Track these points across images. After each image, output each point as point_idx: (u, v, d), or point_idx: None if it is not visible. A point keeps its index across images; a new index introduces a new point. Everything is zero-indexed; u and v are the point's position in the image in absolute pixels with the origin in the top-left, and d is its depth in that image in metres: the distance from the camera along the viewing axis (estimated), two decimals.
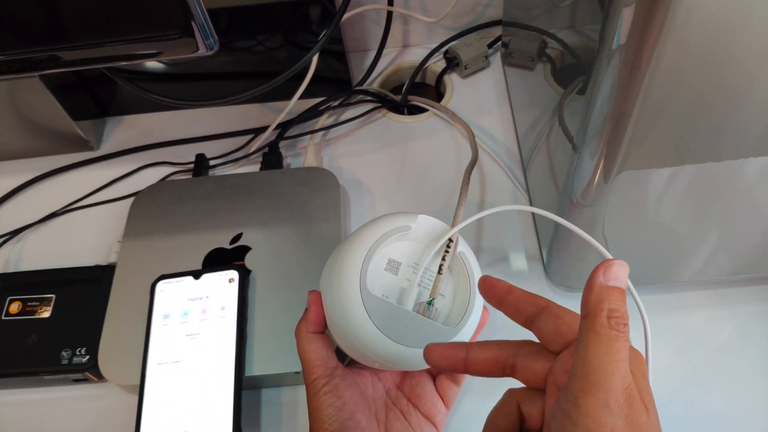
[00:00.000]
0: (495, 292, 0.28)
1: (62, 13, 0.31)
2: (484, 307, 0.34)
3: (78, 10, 0.31)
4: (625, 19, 0.24)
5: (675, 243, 0.38)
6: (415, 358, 0.31)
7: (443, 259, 0.32)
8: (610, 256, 0.27)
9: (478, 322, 0.33)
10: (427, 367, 0.33)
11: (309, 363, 0.32)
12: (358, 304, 0.30)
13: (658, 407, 0.37)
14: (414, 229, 0.33)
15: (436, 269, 0.33)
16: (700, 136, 0.29)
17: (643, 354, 0.31)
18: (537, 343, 0.26)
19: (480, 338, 0.35)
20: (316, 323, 0.33)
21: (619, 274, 0.23)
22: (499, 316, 0.43)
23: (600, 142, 0.30)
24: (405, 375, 0.36)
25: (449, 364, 0.28)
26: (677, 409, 0.38)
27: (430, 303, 0.32)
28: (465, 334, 0.32)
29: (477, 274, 0.33)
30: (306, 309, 0.33)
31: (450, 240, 0.32)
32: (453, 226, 0.33)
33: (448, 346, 0.28)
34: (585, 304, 0.23)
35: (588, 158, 0.31)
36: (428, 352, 0.28)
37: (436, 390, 0.35)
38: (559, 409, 0.23)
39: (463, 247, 0.33)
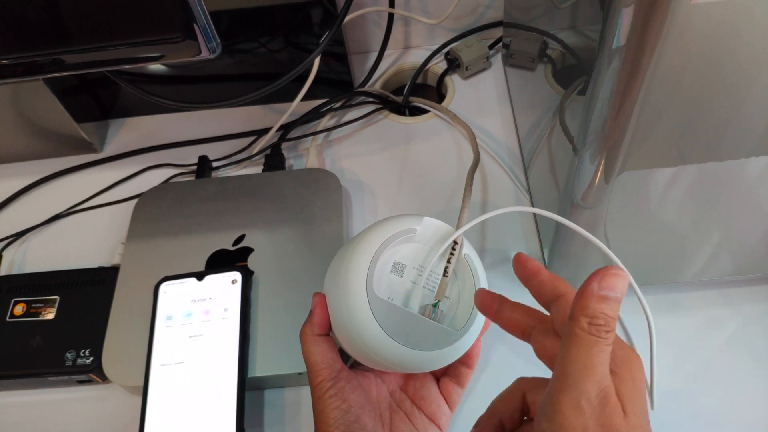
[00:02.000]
0: (524, 272, 0.28)
1: (66, 16, 0.32)
2: None
3: (81, 13, 0.31)
4: (624, 19, 0.24)
5: (676, 243, 0.38)
6: (420, 361, 0.31)
7: (448, 261, 0.32)
8: (616, 258, 0.27)
9: (482, 324, 0.33)
10: (432, 369, 0.33)
11: (314, 366, 0.32)
12: (364, 307, 0.30)
13: (659, 406, 0.37)
14: (419, 232, 0.33)
15: (441, 271, 0.33)
16: (700, 136, 0.29)
17: (648, 354, 0.31)
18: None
19: (483, 340, 0.35)
20: (320, 325, 0.33)
21: (615, 284, 0.23)
22: None
23: (601, 142, 0.30)
24: (409, 377, 0.36)
25: (482, 308, 0.29)
26: (679, 408, 0.38)
27: (435, 305, 0.32)
28: (470, 337, 0.32)
29: (482, 276, 0.33)
30: (310, 311, 0.33)
31: (455, 242, 0.32)
32: (457, 228, 0.33)
33: (487, 295, 0.29)
34: (572, 306, 0.24)
35: (588, 159, 0.31)
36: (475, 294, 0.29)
37: (440, 392, 0.35)
38: (541, 404, 0.24)
39: (467, 250, 0.33)
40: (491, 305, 0.28)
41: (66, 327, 0.42)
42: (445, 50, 0.58)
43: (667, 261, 0.39)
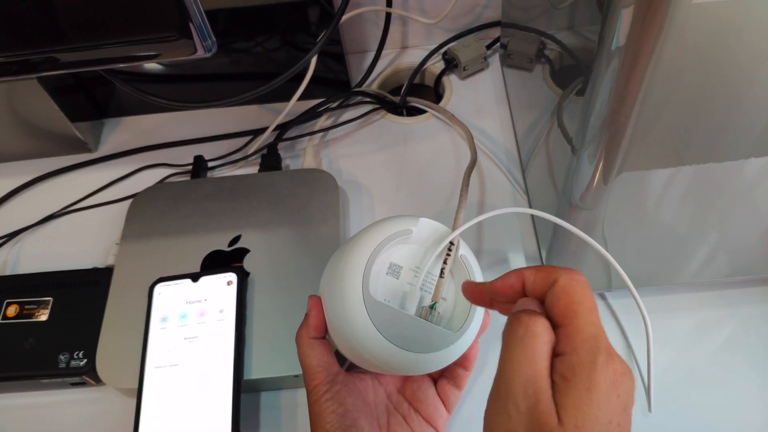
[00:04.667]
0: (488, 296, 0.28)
1: (60, 14, 0.31)
2: (486, 310, 0.34)
3: (76, 11, 0.31)
4: (624, 20, 0.24)
5: (675, 244, 0.38)
6: (417, 363, 0.31)
7: (445, 262, 0.32)
8: (612, 260, 0.27)
9: (479, 325, 0.33)
10: (429, 371, 0.33)
11: (310, 369, 0.32)
12: (360, 309, 0.30)
13: (657, 408, 0.37)
14: (415, 233, 0.32)
15: (438, 273, 0.32)
16: (699, 137, 0.29)
17: (645, 356, 0.30)
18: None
19: (480, 341, 0.35)
20: (316, 328, 0.32)
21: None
22: (502, 319, 0.43)
23: (599, 143, 0.30)
24: (406, 379, 0.36)
25: (475, 302, 0.29)
26: (677, 410, 0.38)
27: (432, 307, 0.32)
28: (468, 338, 0.32)
29: (478, 277, 0.33)
30: (306, 314, 0.33)
31: (451, 243, 0.32)
32: (454, 229, 0.33)
33: (476, 288, 0.28)
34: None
35: (587, 160, 0.31)
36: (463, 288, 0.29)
37: (438, 394, 0.35)
38: None
39: (464, 250, 0.33)
40: (482, 298, 0.28)
41: (59, 328, 0.42)
42: (442, 50, 0.58)
43: (664, 262, 0.39)
